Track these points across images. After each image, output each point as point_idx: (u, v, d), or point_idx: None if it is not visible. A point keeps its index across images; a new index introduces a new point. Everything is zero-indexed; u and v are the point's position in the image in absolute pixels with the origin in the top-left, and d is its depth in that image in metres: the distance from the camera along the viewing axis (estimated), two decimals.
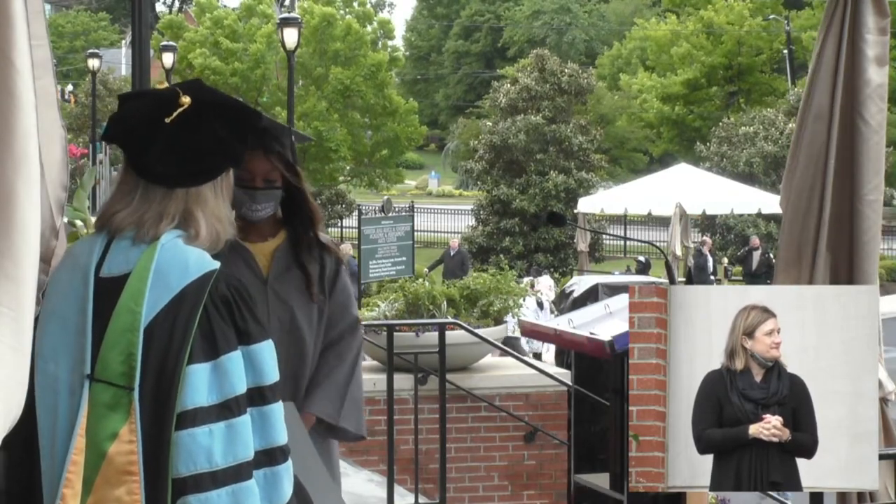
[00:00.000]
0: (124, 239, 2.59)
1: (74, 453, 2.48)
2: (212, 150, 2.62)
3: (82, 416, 2.49)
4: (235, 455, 2.46)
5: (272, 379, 2.54)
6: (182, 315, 2.49)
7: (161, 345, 2.49)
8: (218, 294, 2.52)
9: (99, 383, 2.50)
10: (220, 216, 2.64)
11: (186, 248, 2.56)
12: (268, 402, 2.53)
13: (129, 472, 2.46)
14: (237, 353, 2.51)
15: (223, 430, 2.46)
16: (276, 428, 2.53)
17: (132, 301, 2.51)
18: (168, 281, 2.52)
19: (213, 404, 2.47)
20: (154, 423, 2.47)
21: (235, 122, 2.66)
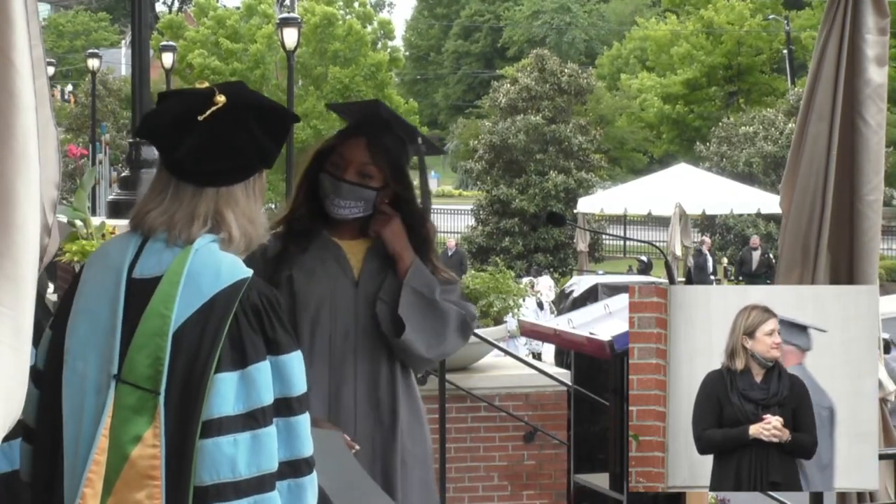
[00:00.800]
0: (157, 240, 2.58)
1: (97, 453, 2.48)
2: (243, 149, 2.60)
3: (107, 416, 2.49)
4: (259, 466, 2.45)
5: (300, 390, 2.52)
6: (212, 322, 2.48)
7: (189, 351, 2.48)
8: (249, 302, 2.51)
9: (125, 385, 2.50)
10: (253, 218, 2.61)
11: (220, 253, 2.56)
12: (294, 413, 2.51)
13: (151, 476, 2.46)
14: (265, 363, 2.49)
15: (248, 440, 2.45)
16: (302, 439, 2.51)
17: (162, 305, 2.50)
18: (200, 286, 2.51)
19: (239, 414, 2.46)
20: (178, 429, 2.46)
21: (270, 123, 2.63)
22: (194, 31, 36.65)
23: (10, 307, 2.35)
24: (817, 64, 4.38)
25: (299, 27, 24.20)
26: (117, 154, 36.27)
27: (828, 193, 4.31)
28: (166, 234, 2.57)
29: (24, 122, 2.33)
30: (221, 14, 36.29)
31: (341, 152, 3.50)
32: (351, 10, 36.80)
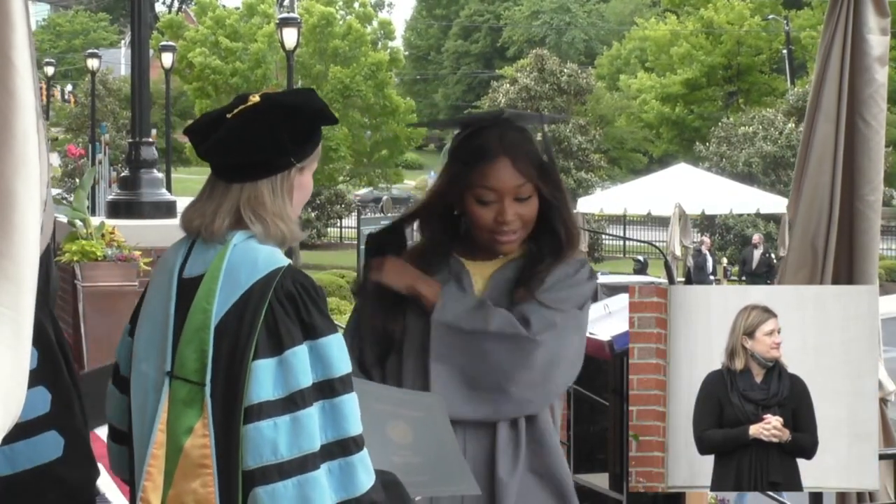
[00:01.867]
0: (201, 241, 2.69)
1: (155, 447, 2.60)
2: (262, 145, 2.65)
3: (162, 412, 2.60)
4: (300, 447, 2.51)
5: (341, 371, 2.57)
6: (248, 312, 2.56)
7: (230, 341, 2.57)
8: (283, 290, 2.57)
9: (177, 380, 2.61)
10: (281, 215, 2.66)
11: (258, 246, 2.63)
12: (338, 393, 2.55)
13: (204, 465, 2.56)
14: (302, 347, 2.55)
15: (288, 422, 2.51)
16: (348, 419, 2.55)
17: (205, 300, 2.60)
18: (238, 279, 2.59)
19: (278, 398, 2.53)
20: (225, 418, 2.55)
21: (296, 122, 2.68)
22: (194, 31, 36.63)
23: (10, 308, 2.35)
24: (823, 65, 4.38)
25: (299, 27, 24.21)
26: (117, 154, 36.27)
27: (835, 195, 4.31)
28: (203, 233, 2.68)
29: (23, 122, 2.33)
30: (221, 13, 36.28)
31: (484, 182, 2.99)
32: (351, 10, 36.79)
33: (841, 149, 4.32)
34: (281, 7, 40.74)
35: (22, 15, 2.33)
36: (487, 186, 2.97)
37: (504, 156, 2.98)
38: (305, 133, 2.70)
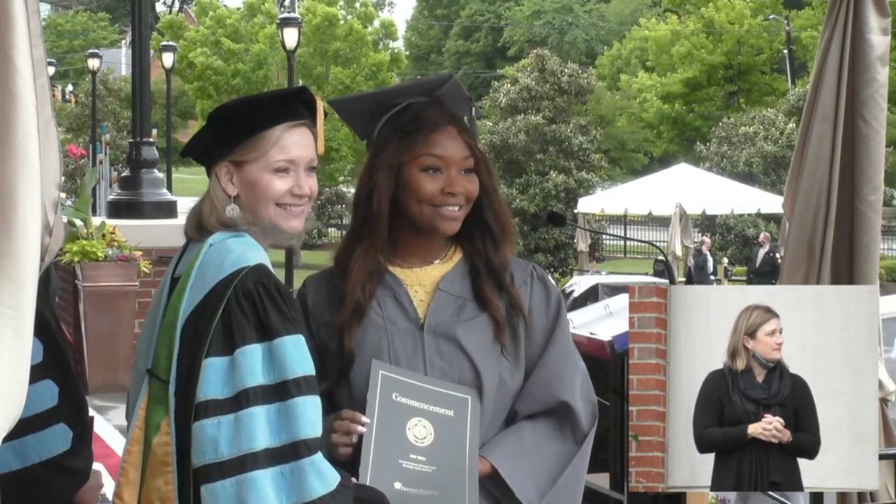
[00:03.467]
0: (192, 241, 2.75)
1: (131, 444, 2.63)
2: (197, 146, 2.78)
3: (140, 409, 2.64)
4: (240, 446, 2.48)
5: (297, 373, 2.53)
6: (208, 310, 2.57)
7: (190, 340, 2.58)
8: (242, 289, 2.57)
9: (154, 378, 2.65)
10: (200, 210, 2.72)
11: (231, 245, 2.65)
12: (291, 395, 2.52)
13: (166, 462, 2.57)
14: (254, 346, 2.53)
15: (231, 421, 2.50)
16: (301, 422, 2.51)
17: (177, 299, 2.63)
18: (205, 279, 2.61)
19: (226, 397, 2.51)
20: (184, 416, 2.56)
21: (217, 115, 2.76)
22: (194, 31, 36.62)
23: (11, 307, 2.35)
24: (821, 65, 4.38)
25: (299, 27, 24.20)
26: (117, 154, 36.28)
27: (832, 195, 4.31)
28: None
29: (24, 121, 2.33)
30: (222, 13, 36.27)
31: (430, 150, 2.83)
32: (352, 10, 36.78)
33: (839, 149, 4.32)
34: (282, 7, 40.74)
35: (23, 14, 2.33)
36: (435, 154, 2.81)
37: (450, 125, 2.85)
38: (227, 128, 2.74)
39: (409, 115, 2.90)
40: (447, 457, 2.71)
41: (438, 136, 2.84)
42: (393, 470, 2.65)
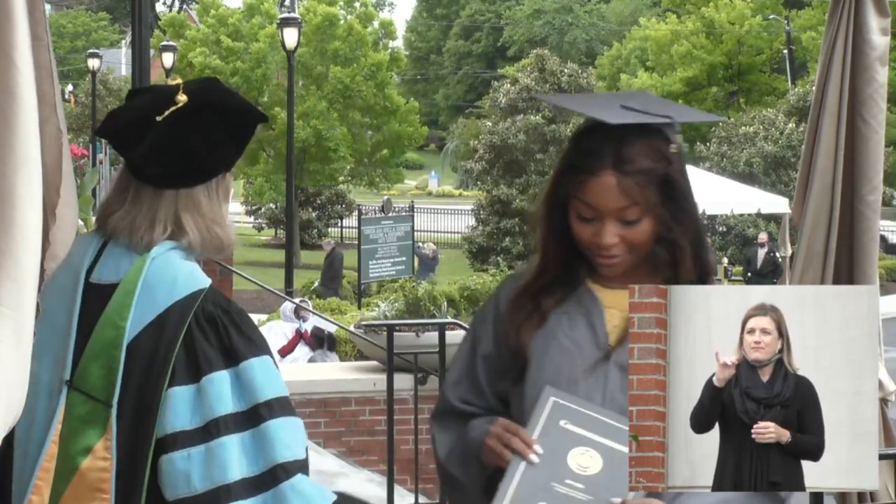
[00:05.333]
0: (118, 245, 2.55)
1: (46, 460, 2.45)
2: (200, 151, 2.54)
3: (57, 423, 2.46)
4: (213, 479, 2.38)
5: (268, 395, 2.43)
6: (166, 334, 2.43)
7: (143, 363, 2.43)
8: (204, 314, 2.45)
9: (77, 393, 2.47)
10: (218, 221, 2.55)
11: (178, 262, 2.50)
12: (263, 419, 2.42)
13: (101, 489, 2.42)
14: (221, 373, 2.42)
15: (202, 453, 2.39)
16: (276, 446, 2.41)
17: (117, 315, 2.46)
18: (155, 297, 2.46)
19: (195, 427, 2.40)
20: (130, 443, 2.42)
21: (231, 124, 2.57)
22: (195, 30, 36.62)
23: (12, 308, 2.35)
24: (825, 66, 4.38)
25: (299, 27, 24.20)
26: (117, 154, 36.25)
27: (836, 196, 4.32)
28: (128, 239, 2.53)
29: (25, 121, 2.33)
30: (223, 13, 36.27)
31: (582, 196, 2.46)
32: (352, 10, 36.78)
33: (842, 149, 4.33)
34: (282, 7, 40.73)
35: (24, 14, 2.33)
36: (586, 202, 2.45)
37: (611, 171, 2.41)
38: (242, 135, 2.59)
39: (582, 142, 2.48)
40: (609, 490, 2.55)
41: (593, 182, 2.43)
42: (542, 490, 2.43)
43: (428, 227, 39.35)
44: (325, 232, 38.47)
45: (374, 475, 8.14)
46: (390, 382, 7.24)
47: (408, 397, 8.07)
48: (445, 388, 2.63)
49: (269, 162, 34.41)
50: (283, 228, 35.14)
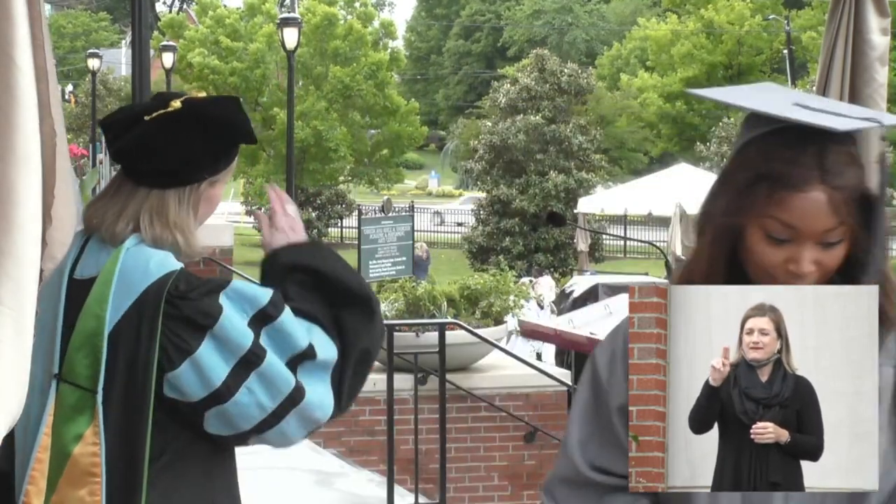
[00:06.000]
0: (96, 239, 2.62)
1: (39, 451, 2.54)
2: (178, 157, 2.60)
3: (48, 415, 2.54)
4: (281, 392, 2.50)
5: (263, 301, 2.51)
6: (145, 320, 2.50)
7: (127, 351, 2.50)
8: (177, 293, 2.51)
9: (65, 384, 2.55)
10: (181, 227, 2.60)
11: (149, 251, 2.57)
12: (272, 318, 2.51)
13: (92, 473, 2.50)
14: (226, 312, 2.48)
15: (257, 380, 2.48)
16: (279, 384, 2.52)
17: (97, 305, 2.53)
18: (131, 285, 2.53)
19: (233, 367, 2.48)
20: (123, 428, 2.50)
21: (214, 137, 2.63)
22: (194, 31, 36.62)
23: (13, 307, 2.36)
24: (826, 66, 4.39)
25: (299, 27, 24.20)
26: None
27: None
28: (99, 232, 2.61)
29: (25, 120, 2.33)
30: (222, 13, 36.27)
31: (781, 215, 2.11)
32: (352, 9, 36.79)
33: None
34: (282, 7, 40.73)
35: (24, 13, 2.33)
36: (786, 222, 2.11)
37: (821, 186, 2.05)
38: (222, 150, 2.65)
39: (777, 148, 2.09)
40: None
41: (798, 199, 2.08)
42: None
43: (428, 227, 39.38)
44: (325, 232, 38.48)
45: (374, 475, 8.13)
46: (390, 382, 7.24)
47: (408, 397, 8.07)
48: (568, 449, 2.28)
49: (268, 162, 34.42)
50: None
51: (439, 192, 55.72)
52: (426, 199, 49.07)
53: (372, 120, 35.75)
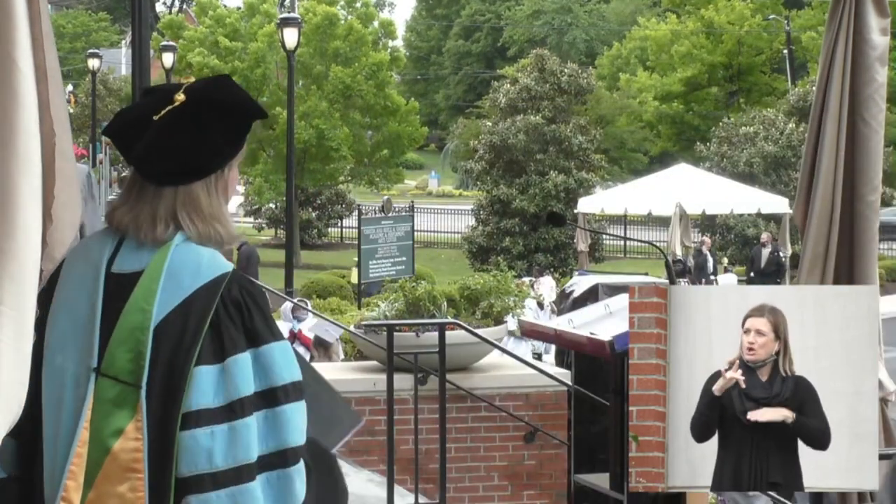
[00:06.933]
0: (132, 238, 2.60)
1: (79, 445, 2.49)
2: (196, 148, 2.59)
3: (87, 409, 2.50)
4: (236, 457, 2.46)
5: (285, 380, 2.52)
6: (193, 317, 2.50)
7: (171, 345, 2.50)
8: (230, 296, 2.52)
9: (105, 378, 2.52)
10: (217, 217, 2.61)
11: (199, 249, 2.57)
12: (280, 403, 2.50)
13: (134, 469, 2.47)
14: (245, 355, 2.50)
15: (225, 431, 2.46)
16: (288, 429, 2.50)
17: (143, 300, 2.52)
18: (180, 282, 2.53)
19: (218, 406, 2.47)
20: (161, 422, 2.48)
21: (228, 122, 2.63)
22: (193, 31, 36.60)
23: (13, 308, 2.36)
24: (826, 67, 4.38)
25: (299, 27, 24.17)
26: (117, 154, 36.27)
27: (836, 196, 4.32)
28: (135, 235, 2.59)
29: (26, 121, 2.33)
30: (221, 13, 36.24)
31: None
32: (352, 9, 36.76)
33: (842, 150, 4.33)
34: (282, 7, 40.70)
35: (24, 15, 2.34)
36: None
37: None
38: (238, 132, 2.65)
39: None
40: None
41: None
42: None
43: (428, 227, 39.35)
44: (325, 232, 38.45)
45: (374, 475, 8.13)
46: (390, 382, 7.24)
47: (408, 397, 8.07)
48: None
49: (268, 162, 34.40)
50: (283, 228, 35.13)
51: (439, 191, 55.71)
52: (426, 199, 49.04)
53: (372, 120, 35.72)
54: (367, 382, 8.59)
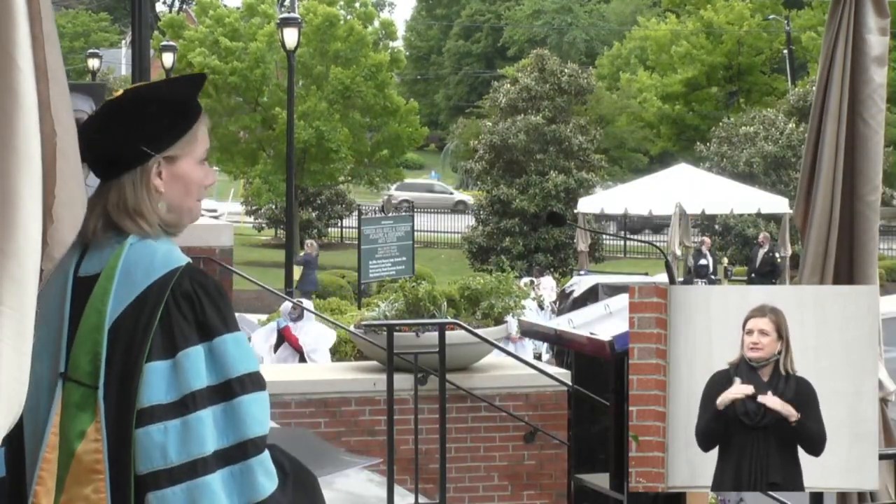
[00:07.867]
0: (93, 240, 2.62)
1: (47, 451, 2.52)
2: (116, 140, 2.61)
3: (55, 415, 2.53)
4: (189, 452, 2.45)
5: (240, 371, 2.50)
6: (145, 313, 2.50)
7: (124, 343, 2.50)
8: (180, 290, 2.51)
9: (70, 382, 2.54)
10: (140, 209, 2.59)
11: (154, 245, 2.57)
12: (236, 394, 2.49)
13: (96, 470, 2.49)
14: (196, 348, 2.49)
15: (178, 426, 2.45)
16: (247, 421, 2.49)
17: (99, 301, 2.53)
18: (134, 279, 2.53)
19: (171, 401, 2.46)
20: (117, 422, 2.48)
21: (149, 113, 2.62)
22: (194, 31, 36.59)
23: (14, 308, 2.35)
24: (826, 67, 4.38)
25: (299, 27, 24.17)
26: None
27: (836, 196, 4.32)
28: (92, 234, 2.61)
29: (27, 121, 2.33)
30: (221, 13, 36.24)
31: None
32: (352, 10, 36.76)
33: (842, 150, 4.33)
34: (282, 7, 40.70)
35: (24, 14, 2.33)
36: None
37: None
38: (160, 124, 2.62)
39: None
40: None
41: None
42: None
43: (428, 227, 39.36)
44: (325, 232, 38.45)
45: (374, 475, 8.13)
46: (390, 382, 7.24)
47: (408, 397, 8.06)
48: None
49: (267, 162, 34.39)
50: (283, 228, 35.12)
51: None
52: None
53: (372, 120, 35.72)
54: (367, 382, 8.59)
